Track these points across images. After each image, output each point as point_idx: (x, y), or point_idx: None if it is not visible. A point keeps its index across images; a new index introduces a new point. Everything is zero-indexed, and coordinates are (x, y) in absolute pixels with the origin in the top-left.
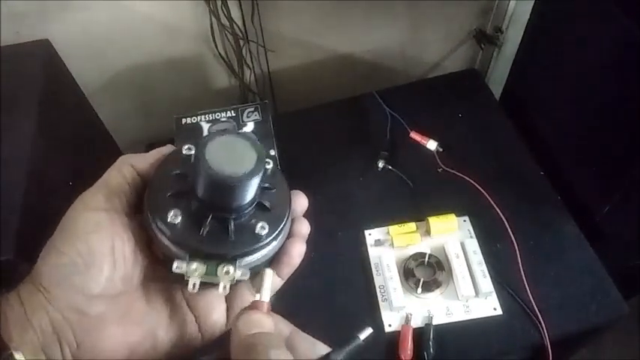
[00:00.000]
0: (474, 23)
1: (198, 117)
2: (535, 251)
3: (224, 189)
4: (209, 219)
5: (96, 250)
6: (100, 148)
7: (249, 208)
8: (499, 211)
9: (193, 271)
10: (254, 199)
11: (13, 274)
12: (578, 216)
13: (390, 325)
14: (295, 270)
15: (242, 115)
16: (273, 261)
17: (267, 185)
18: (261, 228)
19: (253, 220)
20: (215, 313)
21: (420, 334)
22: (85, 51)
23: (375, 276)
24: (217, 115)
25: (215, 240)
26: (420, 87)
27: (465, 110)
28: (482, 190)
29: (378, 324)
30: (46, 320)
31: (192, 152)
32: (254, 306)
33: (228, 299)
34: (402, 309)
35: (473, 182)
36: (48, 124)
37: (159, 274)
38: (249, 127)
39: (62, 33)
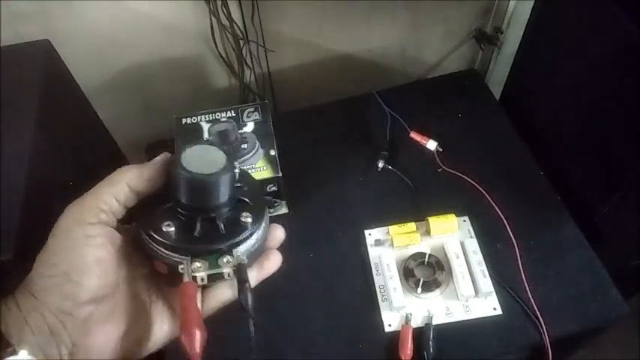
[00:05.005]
0: (473, 23)
1: (198, 117)
2: (535, 251)
3: (204, 188)
4: (199, 222)
5: (87, 263)
6: (100, 148)
7: (230, 205)
8: (499, 211)
9: (198, 268)
10: (232, 196)
11: (13, 275)
12: (578, 216)
13: (390, 325)
14: (296, 270)
15: (242, 115)
16: (256, 262)
17: (239, 185)
18: (246, 217)
19: (237, 214)
20: None
21: (420, 334)
22: (85, 51)
23: (375, 276)
24: (217, 115)
25: (210, 238)
26: (420, 87)
27: (464, 110)
28: (482, 190)
29: (378, 324)
30: (42, 322)
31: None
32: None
33: (205, 293)
34: (402, 309)
35: (473, 182)
36: (48, 124)
37: (140, 274)
38: (249, 127)
39: (62, 33)
